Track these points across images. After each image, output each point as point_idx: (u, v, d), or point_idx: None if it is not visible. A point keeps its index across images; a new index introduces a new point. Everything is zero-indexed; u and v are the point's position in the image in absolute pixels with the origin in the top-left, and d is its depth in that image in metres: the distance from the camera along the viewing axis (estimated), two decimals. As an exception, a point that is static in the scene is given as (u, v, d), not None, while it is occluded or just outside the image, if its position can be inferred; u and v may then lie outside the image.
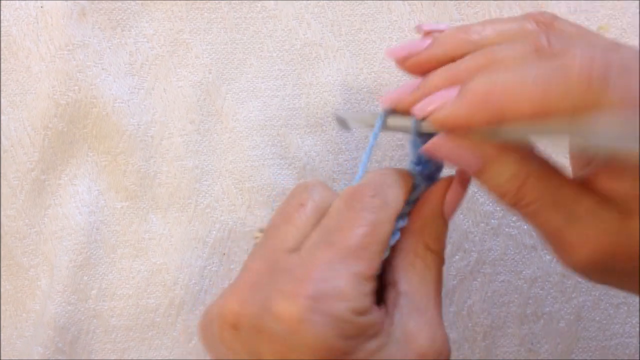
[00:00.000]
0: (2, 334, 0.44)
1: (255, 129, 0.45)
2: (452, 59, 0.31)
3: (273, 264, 0.30)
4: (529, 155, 0.29)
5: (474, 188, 0.45)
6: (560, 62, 0.26)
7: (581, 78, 0.25)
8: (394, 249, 0.32)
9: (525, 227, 0.45)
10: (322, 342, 0.27)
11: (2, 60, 0.44)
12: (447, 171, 0.34)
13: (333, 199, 0.32)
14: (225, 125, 0.45)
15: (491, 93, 0.27)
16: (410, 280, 0.31)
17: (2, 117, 0.44)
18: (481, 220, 0.45)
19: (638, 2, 0.46)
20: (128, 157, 0.44)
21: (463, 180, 0.33)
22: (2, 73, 0.44)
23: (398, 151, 0.45)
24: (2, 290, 0.44)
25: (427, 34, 0.33)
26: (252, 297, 0.28)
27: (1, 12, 0.44)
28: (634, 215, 0.27)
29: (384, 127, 0.33)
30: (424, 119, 0.30)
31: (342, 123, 0.36)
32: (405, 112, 0.32)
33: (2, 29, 0.44)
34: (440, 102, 0.29)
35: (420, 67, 0.32)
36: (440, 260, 0.32)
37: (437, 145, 0.29)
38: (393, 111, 0.33)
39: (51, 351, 0.43)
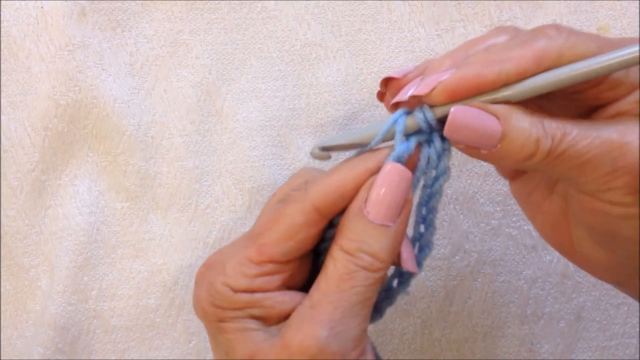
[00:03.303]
0: (2, 334, 0.44)
1: (255, 130, 0.45)
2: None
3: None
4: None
5: (473, 188, 0.45)
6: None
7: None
8: None
9: (526, 227, 0.45)
10: (198, 302, 0.32)
11: (2, 60, 0.44)
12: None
13: None
14: (225, 126, 0.45)
15: (496, 55, 0.30)
16: (317, 281, 0.31)
17: (2, 118, 0.44)
18: (481, 221, 0.45)
19: (638, 2, 0.46)
20: (128, 157, 0.44)
21: (387, 177, 0.31)
22: (2, 73, 0.44)
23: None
24: (2, 291, 0.44)
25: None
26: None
27: (1, 12, 0.44)
28: None
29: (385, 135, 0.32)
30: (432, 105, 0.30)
31: (324, 153, 0.33)
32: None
33: (2, 29, 0.44)
34: (449, 74, 0.30)
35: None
36: (352, 260, 0.30)
37: (457, 113, 0.29)
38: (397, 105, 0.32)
39: (51, 351, 0.43)
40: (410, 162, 0.31)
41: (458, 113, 0.29)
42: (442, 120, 0.31)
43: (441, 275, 0.45)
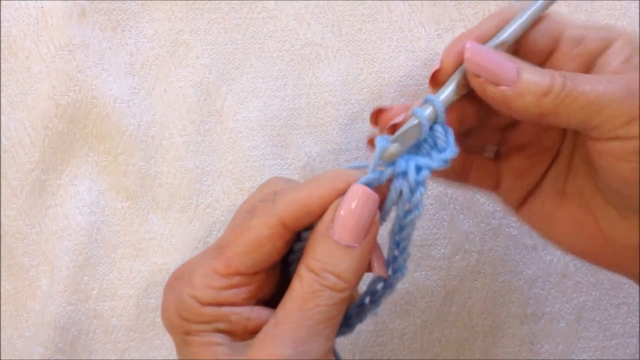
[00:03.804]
0: (2, 334, 0.44)
1: (255, 129, 0.45)
2: None
3: None
4: None
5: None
6: None
7: None
8: None
9: (526, 227, 0.45)
10: (166, 312, 0.32)
11: (2, 60, 0.44)
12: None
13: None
14: (225, 126, 0.45)
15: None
16: (284, 299, 0.31)
17: (3, 117, 0.44)
18: (481, 221, 0.45)
19: (638, 2, 0.46)
20: (128, 157, 0.44)
21: (354, 196, 0.31)
22: (2, 73, 0.44)
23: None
24: (2, 290, 0.44)
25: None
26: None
27: (1, 12, 0.44)
28: None
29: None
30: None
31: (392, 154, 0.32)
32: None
33: (2, 29, 0.44)
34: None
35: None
36: (317, 279, 0.30)
37: (473, 45, 0.32)
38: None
39: (51, 351, 0.43)
40: (379, 192, 0.31)
41: (473, 45, 0.32)
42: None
43: (441, 275, 0.45)
